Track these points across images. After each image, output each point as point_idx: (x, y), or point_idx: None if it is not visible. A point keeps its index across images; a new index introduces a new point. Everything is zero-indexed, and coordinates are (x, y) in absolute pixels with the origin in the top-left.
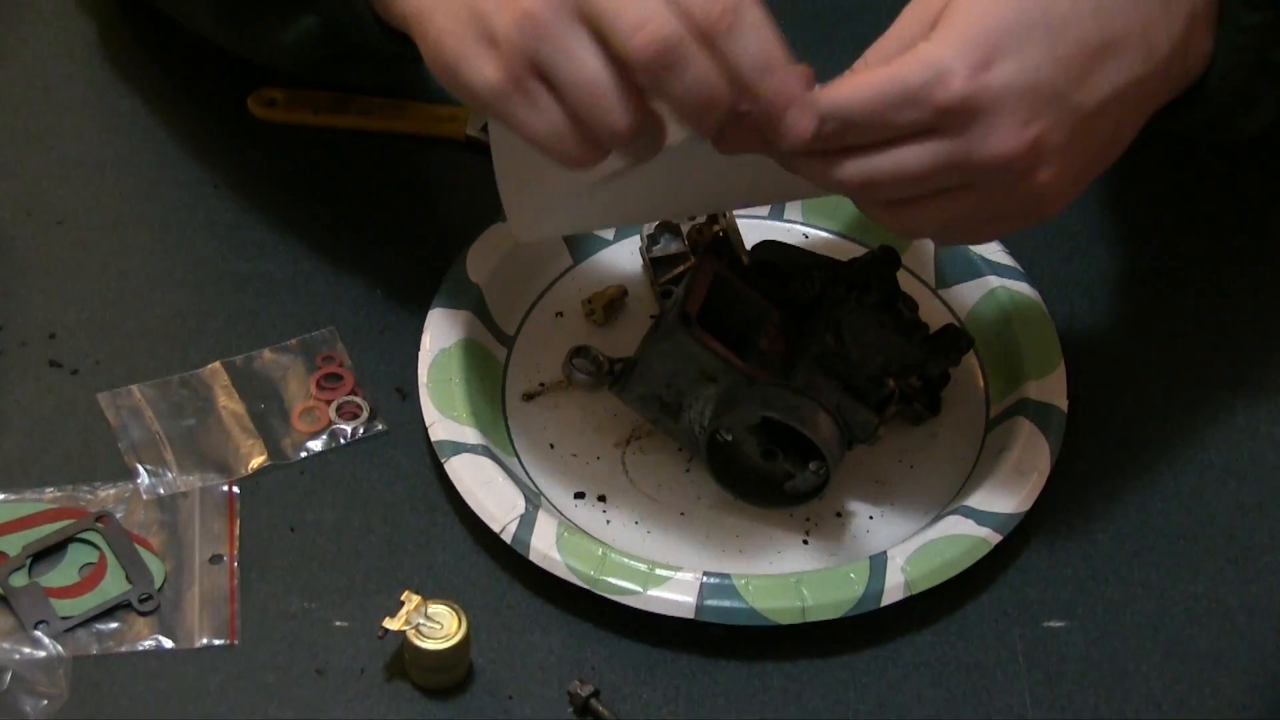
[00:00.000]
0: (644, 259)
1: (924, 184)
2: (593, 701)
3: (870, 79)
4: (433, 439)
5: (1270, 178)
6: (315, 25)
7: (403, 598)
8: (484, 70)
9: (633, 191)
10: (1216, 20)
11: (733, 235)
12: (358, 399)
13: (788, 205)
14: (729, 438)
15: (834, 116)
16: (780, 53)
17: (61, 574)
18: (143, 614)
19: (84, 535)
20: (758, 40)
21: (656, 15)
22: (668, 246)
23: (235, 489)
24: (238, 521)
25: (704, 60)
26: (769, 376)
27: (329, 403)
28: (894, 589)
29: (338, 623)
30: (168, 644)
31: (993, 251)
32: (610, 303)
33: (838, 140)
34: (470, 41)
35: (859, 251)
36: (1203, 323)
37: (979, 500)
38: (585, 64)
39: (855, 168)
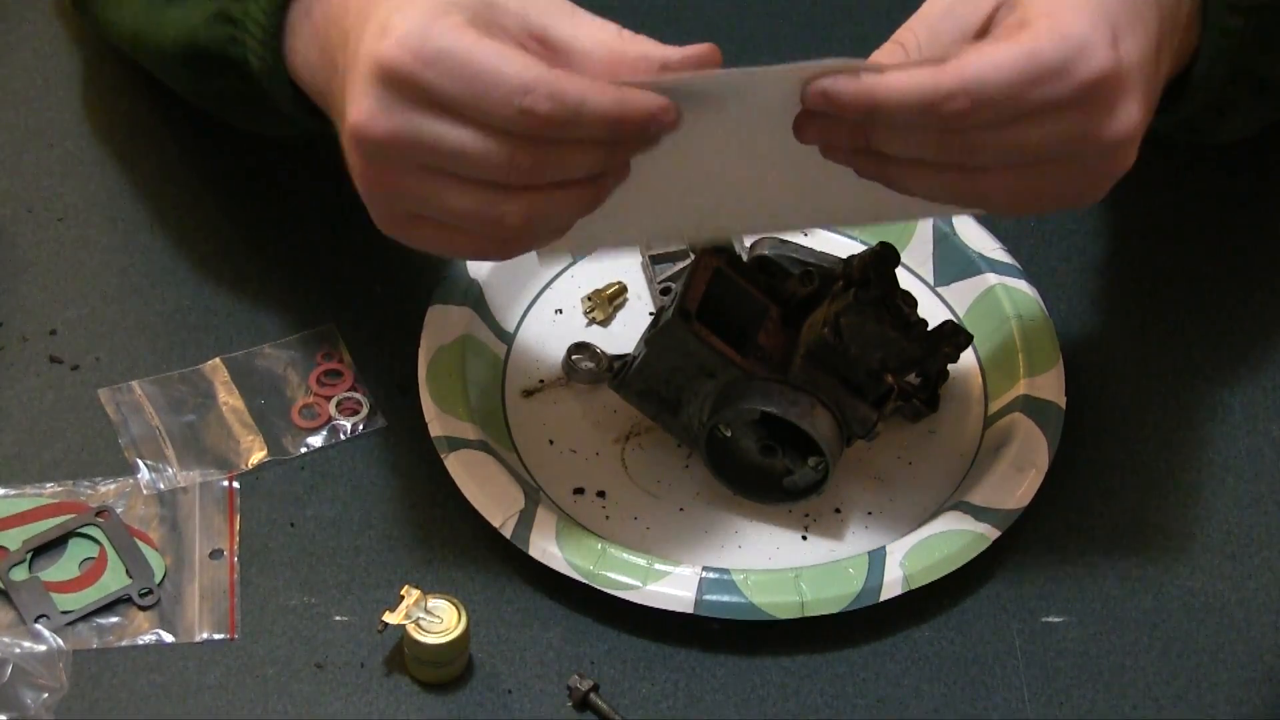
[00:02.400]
0: (643, 256)
1: (1041, 162)
2: (592, 696)
3: (1005, 54)
4: (432, 435)
5: (1269, 178)
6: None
7: (402, 592)
8: (355, 167)
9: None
10: (1202, 19)
11: None
12: (358, 395)
13: None
14: (728, 433)
15: (968, 93)
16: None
17: (62, 568)
18: (143, 608)
19: (84, 530)
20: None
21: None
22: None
23: (235, 484)
24: (238, 516)
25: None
26: (768, 372)
27: (329, 398)
28: (893, 584)
29: (337, 617)
30: (168, 638)
31: (991, 249)
32: (610, 300)
33: (960, 120)
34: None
35: (858, 248)
36: (1200, 319)
37: (977, 496)
38: (449, 195)
39: (977, 145)
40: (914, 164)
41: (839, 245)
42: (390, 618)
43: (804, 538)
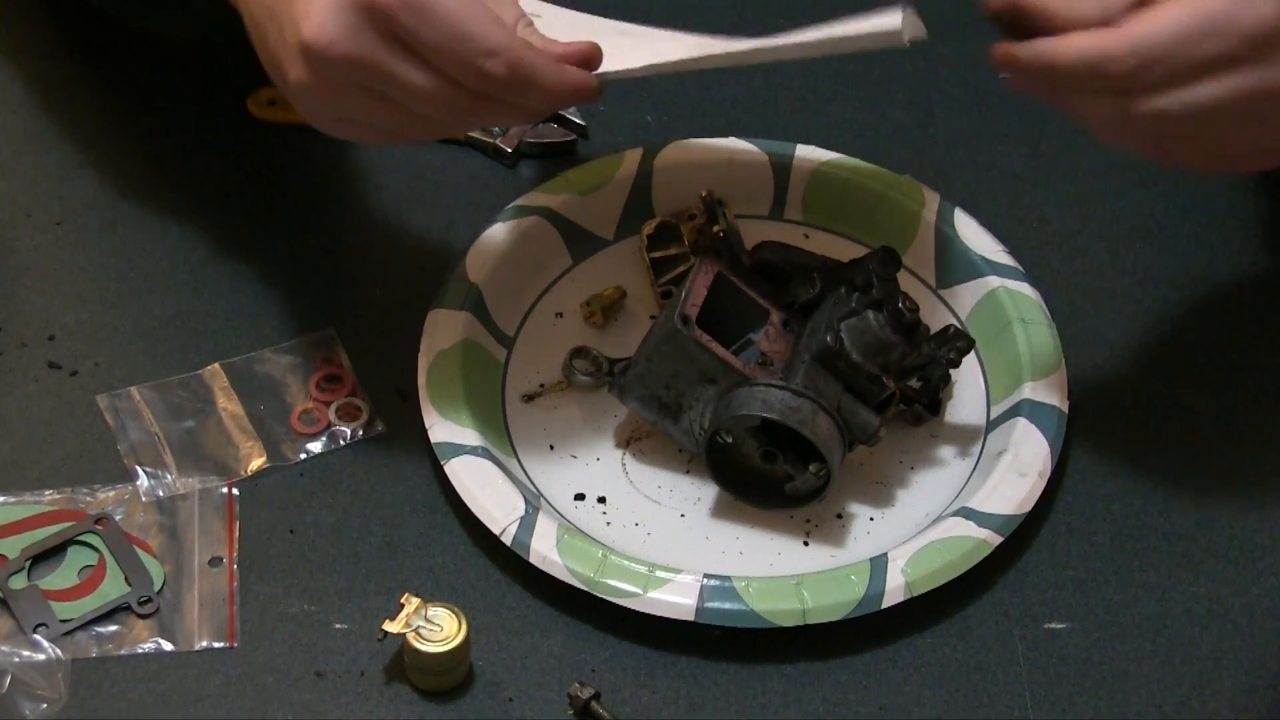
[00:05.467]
0: (644, 260)
1: (1221, 118)
2: (593, 704)
3: (1169, 13)
4: (432, 440)
5: (1269, 177)
6: None
7: (402, 600)
8: (294, 73)
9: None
10: None
11: (733, 236)
12: (357, 400)
13: (788, 205)
14: (729, 439)
15: (1136, 53)
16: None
17: (61, 576)
18: (142, 616)
19: (83, 538)
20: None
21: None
22: (668, 247)
23: (235, 491)
24: (237, 523)
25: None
26: (769, 378)
27: (329, 404)
28: (894, 591)
29: (337, 625)
30: (167, 646)
31: (993, 252)
32: (610, 305)
33: (1129, 80)
34: (279, 45)
35: (859, 252)
36: (1203, 323)
37: (979, 501)
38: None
39: (1154, 105)
40: (1107, 122)
41: (840, 249)
42: (390, 626)
43: (805, 544)
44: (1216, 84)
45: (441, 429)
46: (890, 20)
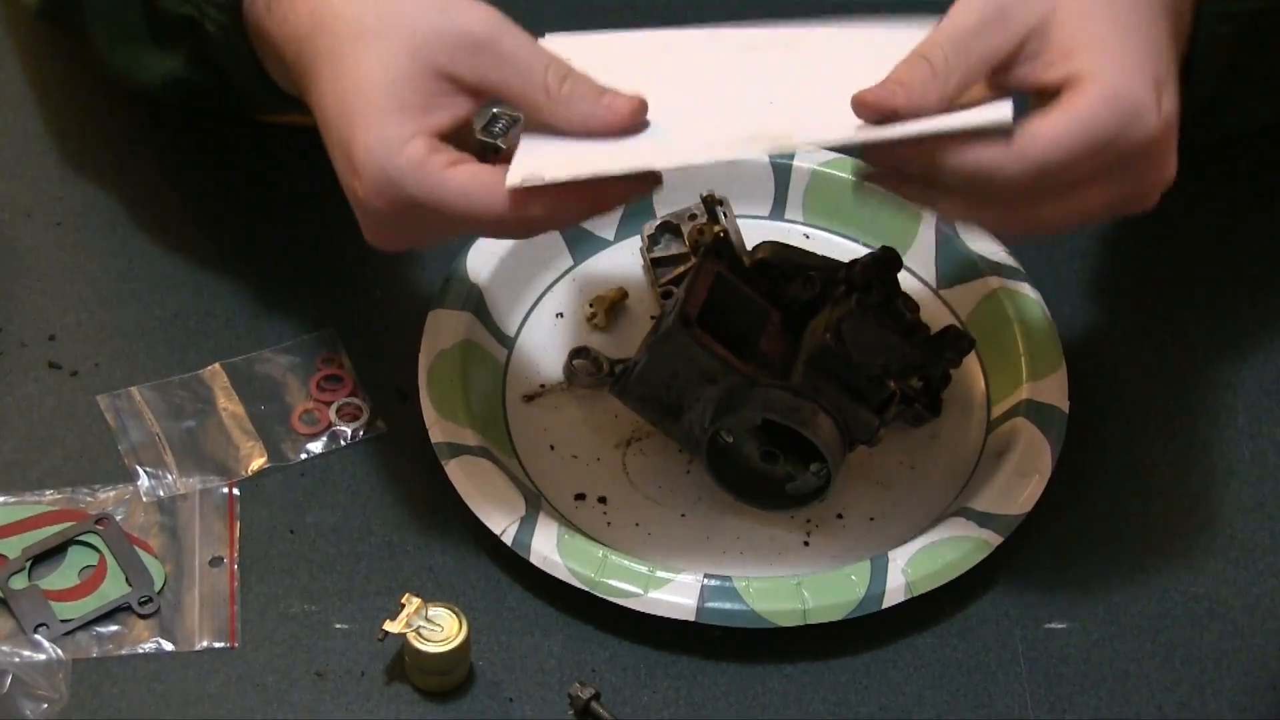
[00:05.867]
0: (644, 260)
1: (1092, 215)
2: (593, 704)
3: (1063, 130)
4: (433, 441)
5: (1270, 177)
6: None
7: (403, 600)
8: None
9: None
10: (1194, 24)
11: (733, 236)
12: (358, 400)
13: (788, 205)
14: (730, 439)
15: (1027, 173)
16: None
17: (61, 576)
18: (143, 616)
19: (84, 538)
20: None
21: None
22: (668, 247)
23: (235, 491)
24: (238, 523)
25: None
26: (769, 378)
27: (329, 404)
28: (895, 591)
29: (338, 625)
30: (168, 646)
31: (993, 252)
32: (611, 306)
33: (1013, 193)
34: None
35: (860, 252)
36: (1203, 323)
37: (980, 502)
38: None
39: (1032, 212)
40: (965, 215)
41: (841, 249)
42: (391, 626)
43: (806, 544)
44: (1096, 191)
45: (442, 429)
46: (1000, 111)
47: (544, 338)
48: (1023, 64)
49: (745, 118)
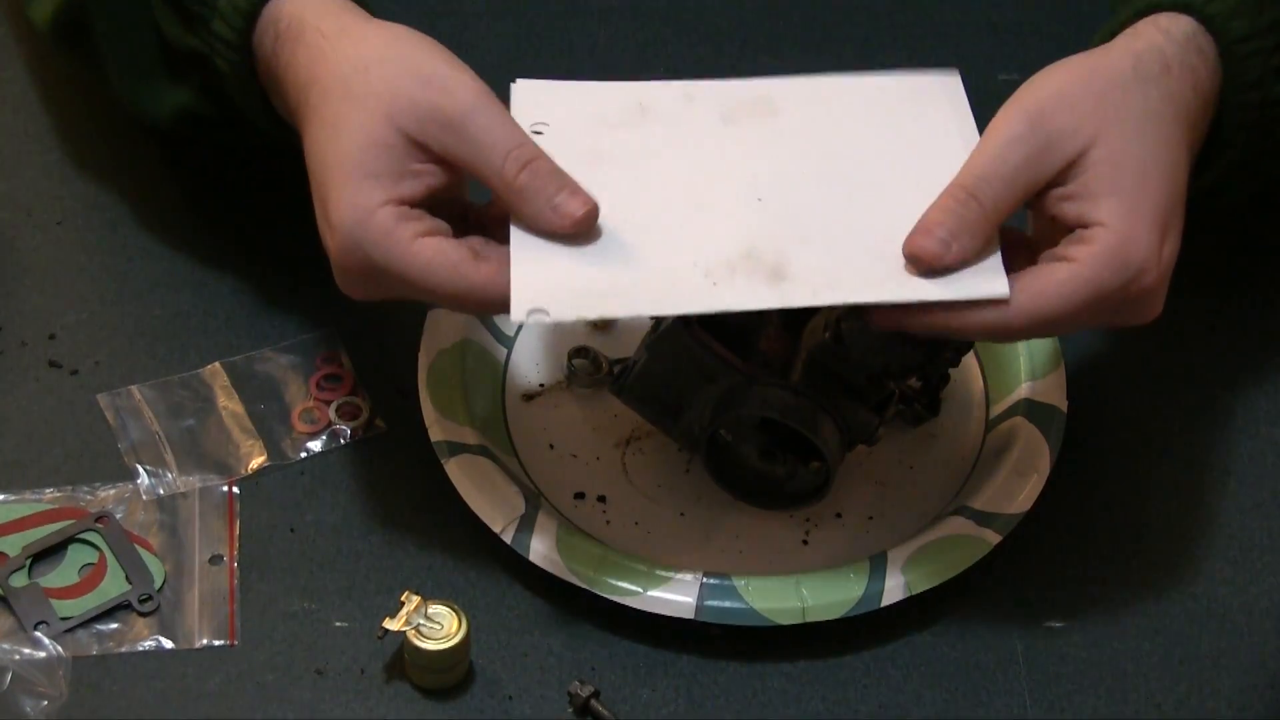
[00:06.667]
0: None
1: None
2: (593, 702)
3: (1065, 287)
4: (432, 439)
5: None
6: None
7: (402, 598)
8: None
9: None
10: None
11: None
12: (357, 399)
13: None
14: (729, 438)
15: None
16: None
17: (61, 574)
18: (142, 614)
19: (84, 536)
20: None
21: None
22: None
23: (235, 489)
24: (237, 522)
25: None
26: (769, 377)
27: (329, 403)
28: (894, 589)
29: (338, 623)
30: (167, 644)
31: None
32: None
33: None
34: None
35: None
36: (1202, 323)
37: (979, 501)
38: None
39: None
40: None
41: None
42: (391, 624)
43: (805, 543)
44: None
45: (441, 428)
46: (998, 287)
47: (544, 337)
48: (1047, 191)
49: (736, 226)
